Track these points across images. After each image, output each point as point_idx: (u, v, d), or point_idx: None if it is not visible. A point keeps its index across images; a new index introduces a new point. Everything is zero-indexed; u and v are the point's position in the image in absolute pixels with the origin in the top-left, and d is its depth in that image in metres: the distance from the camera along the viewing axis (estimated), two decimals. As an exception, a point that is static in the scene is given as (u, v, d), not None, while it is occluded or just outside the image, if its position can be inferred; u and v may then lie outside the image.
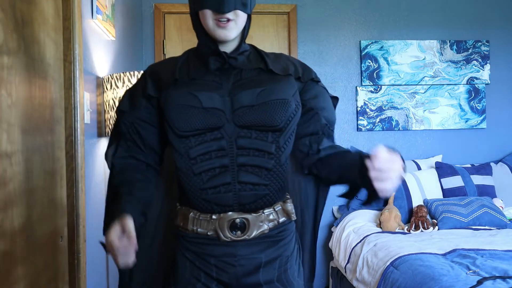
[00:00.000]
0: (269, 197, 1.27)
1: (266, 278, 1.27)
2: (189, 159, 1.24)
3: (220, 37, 1.24)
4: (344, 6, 3.64)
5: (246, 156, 1.24)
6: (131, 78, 2.15)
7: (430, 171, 3.44)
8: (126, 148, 1.30)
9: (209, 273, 1.27)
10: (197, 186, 1.24)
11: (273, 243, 1.29)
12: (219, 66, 1.27)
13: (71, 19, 1.71)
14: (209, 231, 1.26)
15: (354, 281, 2.78)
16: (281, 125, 1.24)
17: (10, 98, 1.28)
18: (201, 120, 1.22)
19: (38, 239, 1.45)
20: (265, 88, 1.25)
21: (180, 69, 1.29)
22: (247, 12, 1.26)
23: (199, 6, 1.23)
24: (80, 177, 1.74)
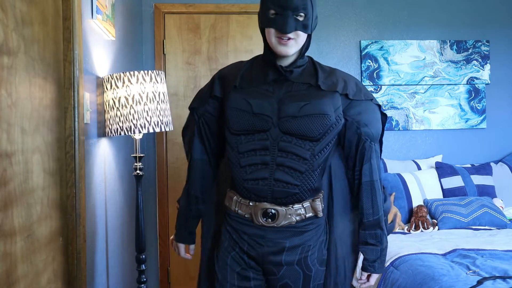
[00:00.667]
0: (299, 196, 1.49)
1: (287, 259, 1.51)
2: (238, 153, 1.50)
3: (281, 53, 1.45)
4: (344, 6, 3.64)
5: (285, 158, 1.47)
6: (131, 78, 2.15)
7: (430, 171, 3.44)
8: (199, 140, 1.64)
9: (242, 246, 1.55)
10: (241, 176, 1.50)
11: (298, 233, 1.51)
12: (275, 78, 1.50)
13: (71, 19, 1.71)
14: (246, 213, 1.53)
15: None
16: (318, 136, 1.46)
17: (10, 98, 1.28)
18: (249, 123, 1.48)
19: (38, 239, 1.45)
20: (309, 103, 1.46)
21: (242, 76, 1.54)
22: (307, 33, 1.46)
23: (266, 24, 1.45)
24: (80, 177, 1.74)
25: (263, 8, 1.46)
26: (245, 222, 1.54)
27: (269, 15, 1.43)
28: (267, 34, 1.46)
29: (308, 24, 1.43)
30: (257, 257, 1.53)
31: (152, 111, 2.18)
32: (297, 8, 1.40)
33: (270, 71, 1.50)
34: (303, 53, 1.50)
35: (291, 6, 1.39)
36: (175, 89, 3.51)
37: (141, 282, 2.42)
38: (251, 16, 3.57)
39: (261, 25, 1.48)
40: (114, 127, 2.15)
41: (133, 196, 2.82)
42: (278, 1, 1.40)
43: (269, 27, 1.44)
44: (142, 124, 2.15)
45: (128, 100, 2.14)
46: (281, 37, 1.42)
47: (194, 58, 3.53)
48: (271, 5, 1.42)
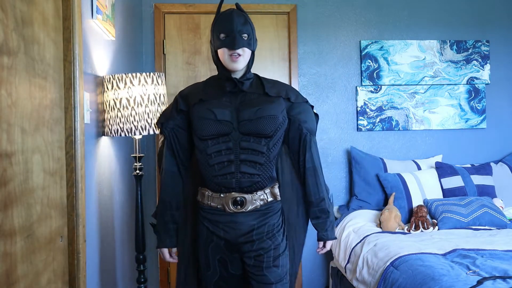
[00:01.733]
0: (260, 183, 1.82)
1: (257, 236, 1.84)
2: (206, 154, 1.80)
3: (232, 68, 1.79)
4: (344, 6, 3.64)
5: (246, 154, 1.80)
6: (133, 79, 2.15)
7: (430, 171, 3.44)
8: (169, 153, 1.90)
9: (218, 234, 1.83)
10: (211, 174, 1.80)
11: (263, 214, 1.85)
12: (231, 89, 1.83)
13: (71, 19, 1.71)
14: (218, 205, 1.83)
15: (354, 281, 2.78)
16: (271, 133, 1.80)
17: (10, 98, 1.28)
18: (215, 128, 1.78)
19: (38, 239, 1.45)
20: (261, 107, 1.81)
21: (202, 92, 1.87)
22: (251, 49, 1.83)
23: (218, 46, 1.79)
24: (80, 177, 1.74)
25: (214, 35, 1.81)
26: (218, 212, 1.83)
27: (220, 39, 1.78)
28: (221, 54, 1.80)
29: (251, 42, 1.81)
30: (232, 239, 1.83)
31: (153, 113, 2.18)
32: (241, 31, 1.78)
33: (226, 84, 1.83)
34: (250, 68, 1.87)
35: (236, 29, 1.77)
36: (175, 89, 3.51)
37: (141, 282, 2.42)
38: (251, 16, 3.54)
39: (214, 48, 1.82)
40: (114, 128, 2.15)
41: (133, 196, 2.82)
42: (226, 27, 1.77)
43: (221, 47, 1.78)
44: (143, 126, 2.15)
45: (129, 102, 2.14)
46: (232, 54, 1.76)
47: (194, 58, 3.53)
48: (221, 30, 1.78)
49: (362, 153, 3.53)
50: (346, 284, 3.01)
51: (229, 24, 1.77)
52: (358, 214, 3.31)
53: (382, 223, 3.08)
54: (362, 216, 3.29)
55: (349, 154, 3.62)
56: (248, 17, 1.84)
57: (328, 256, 3.58)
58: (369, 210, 3.36)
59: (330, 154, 3.63)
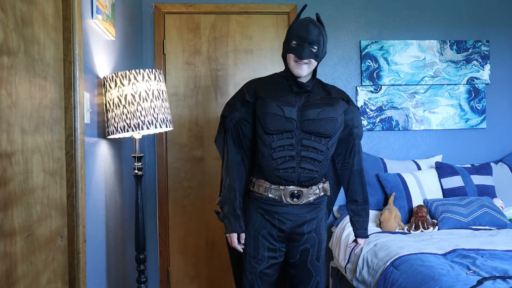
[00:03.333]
0: (317, 179, 1.98)
1: (308, 229, 2.00)
2: (271, 148, 1.93)
3: (296, 74, 1.94)
4: (344, 6, 3.64)
5: (306, 151, 1.93)
6: (137, 75, 2.15)
7: (430, 171, 3.44)
8: (233, 143, 2.03)
9: (273, 223, 1.98)
10: (273, 167, 1.94)
11: (314, 208, 2.01)
12: (296, 90, 1.96)
13: (71, 19, 1.71)
14: (276, 196, 1.96)
15: (354, 281, 2.78)
16: (330, 133, 1.95)
17: (10, 98, 1.28)
18: (282, 124, 1.91)
19: (38, 239, 1.45)
20: (323, 109, 1.94)
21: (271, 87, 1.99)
22: (317, 61, 1.95)
23: (287, 51, 1.94)
24: (80, 177, 1.74)
25: (287, 39, 1.94)
26: (274, 203, 1.97)
27: (291, 45, 1.91)
28: (288, 58, 1.94)
29: (319, 55, 1.93)
30: (286, 229, 1.98)
31: (158, 108, 2.19)
32: (313, 42, 1.89)
33: (293, 85, 1.96)
34: (315, 74, 2.01)
35: (308, 40, 1.88)
36: (175, 89, 3.51)
37: (141, 282, 2.42)
38: (251, 16, 3.57)
39: (284, 52, 1.96)
40: (121, 125, 2.14)
41: (133, 196, 2.82)
42: (300, 35, 1.89)
43: (289, 53, 1.92)
44: (150, 121, 2.15)
45: (135, 97, 2.14)
46: (298, 62, 1.90)
47: (194, 58, 3.53)
48: (294, 37, 1.91)
49: (362, 153, 3.53)
50: (346, 284, 3.01)
51: (303, 33, 1.89)
52: (358, 214, 3.31)
53: (382, 223, 3.08)
54: (362, 216, 3.29)
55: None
56: (323, 30, 1.94)
57: (328, 256, 3.58)
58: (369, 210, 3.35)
59: (330, 154, 3.63)
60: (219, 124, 2.12)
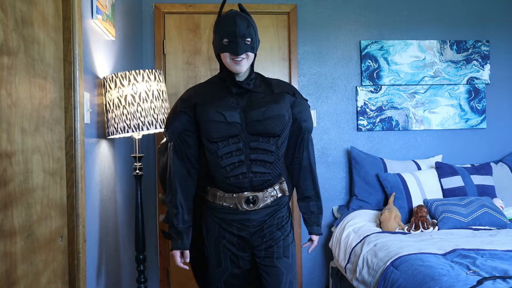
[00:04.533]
0: (270, 181, 1.87)
1: (268, 229, 1.90)
2: (217, 156, 1.82)
3: (236, 71, 1.81)
4: (344, 6, 3.64)
5: (256, 153, 1.82)
6: (137, 76, 2.15)
7: (430, 171, 3.44)
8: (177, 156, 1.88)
9: (232, 231, 1.88)
10: (223, 175, 1.83)
11: (273, 210, 1.91)
12: (236, 91, 1.84)
13: (71, 19, 1.71)
14: (231, 204, 1.86)
15: (354, 281, 2.78)
16: (279, 132, 1.84)
17: (10, 98, 1.28)
18: (225, 130, 1.79)
19: (38, 239, 1.45)
20: (268, 108, 1.83)
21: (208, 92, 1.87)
22: (254, 53, 1.82)
23: (221, 50, 1.80)
24: (80, 177, 1.74)
25: (217, 38, 1.81)
26: (230, 211, 1.87)
27: (223, 43, 1.79)
28: (223, 58, 1.81)
29: (254, 46, 1.82)
30: (246, 236, 1.89)
31: (158, 109, 2.19)
32: (244, 35, 1.78)
33: (231, 86, 1.84)
34: (253, 68, 1.88)
35: (239, 34, 1.77)
36: (175, 89, 3.51)
37: (141, 282, 2.42)
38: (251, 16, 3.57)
39: (217, 51, 1.83)
40: (121, 126, 2.15)
41: (133, 196, 2.82)
42: (229, 31, 1.77)
43: (224, 52, 1.79)
44: (150, 122, 2.15)
45: (134, 98, 2.14)
46: (235, 58, 1.78)
47: (194, 58, 3.53)
48: (224, 35, 1.78)
49: (362, 153, 3.53)
50: (346, 284, 3.01)
51: (232, 28, 1.77)
52: (358, 214, 3.31)
53: (382, 223, 3.08)
54: (362, 216, 3.29)
55: (349, 154, 3.62)
56: (251, 19, 1.84)
57: (328, 256, 3.58)
58: (369, 210, 3.35)
59: (330, 154, 3.63)
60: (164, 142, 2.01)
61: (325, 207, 3.58)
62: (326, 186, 3.60)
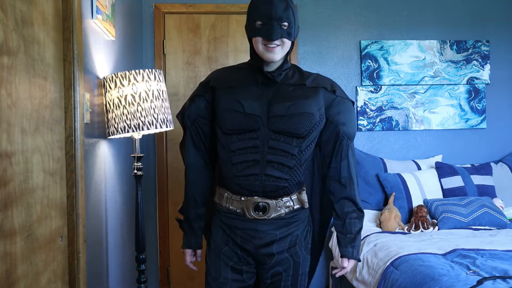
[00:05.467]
0: (287, 189, 1.60)
1: (278, 249, 1.62)
2: (230, 151, 1.59)
3: (268, 59, 1.56)
4: (344, 6, 3.64)
5: (274, 154, 1.56)
6: (137, 76, 2.15)
7: (430, 171, 3.44)
8: (193, 145, 1.70)
9: (235, 240, 1.63)
10: (232, 173, 1.59)
11: (287, 223, 1.62)
12: (264, 81, 1.61)
13: (71, 19, 1.71)
14: (238, 208, 1.62)
15: (354, 281, 2.78)
16: (304, 133, 1.57)
17: (10, 98, 1.28)
18: (242, 122, 1.56)
19: (38, 239, 1.45)
20: (295, 102, 1.57)
21: (232, 77, 1.65)
22: (291, 40, 1.58)
23: (253, 34, 1.57)
24: (80, 177, 1.74)
25: (250, 20, 1.58)
26: (237, 217, 1.63)
27: (256, 26, 1.55)
28: (255, 43, 1.57)
29: (291, 32, 1.56)
30: (251, 249, 1.62)
31: (158, 108, 2.19)
32: (281, 18, 1.53)
33: (258, 75, 1.62)
34: (287, 58, 1.63)
35: (275, 16, 1.52)
36: (175, 89, 3.51)
37: (141, 282, 2.42)
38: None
39: (249, 35, 1.60)
40: (121, 125, 2.14)
41: (133, 196, 2.82)
42: (264, 13, 1.53)
43: (256, 36, 1.56)
44: (150, 121, 2.15)
45: (135, 98, 2.14)
46: (268, 45, 1.54)
47: (194, 58, 3.53)
48: (258, 16, 1.55)
49: (362, 153, 3.53)
50: (346, 284, 3.01)
51: (268, 9, 1.52)
52: (358, 214, 3.31)
53: (382, 223, 3.08)
54: (362, 216, 3.29)
55: (349, 154, 3.62)
56: (290, 1, 1.57)
57: (328, 256, 3.58)
58: (369, 210, 3.35)
59: (330, 154, 3.63)
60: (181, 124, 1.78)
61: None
62: (326, 186, 3.60)
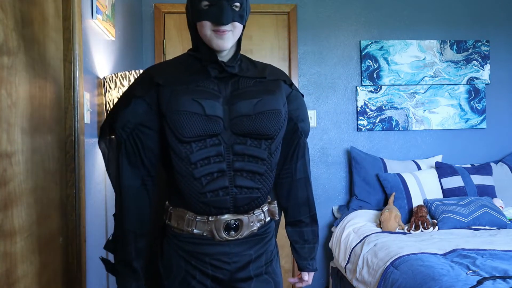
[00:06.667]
0: (260, 200, 1.37)
1: (255, 271, 1.38)
2: (190, 163, 1.30)
3: (218, 47, 1.31)
4: (344, 6, 3.64)
5: (242, 161, 1.32)
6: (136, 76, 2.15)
7: (430, 171, 3.44)
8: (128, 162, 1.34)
9: (204, 271, 1.34)
10: (196, 190, 1.30)
11: (260, 240, 1.40)
12: (217, 74, 1.34)
13: (71, 19, 1.71)
14: (204, 231, 1.34)
15: (354, 281, 2.78)
16: (273, 134, 1.34)
17: (10, 98, 1.28)
18: (203, 127, 1.28)
19: (38, 239, 1.45)
20: (261, 99, 1.33)
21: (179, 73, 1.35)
22: (243, 24, 1.34)
23: (198, 17, 1.30)
24: (80, 177, 1.74)
25: (194, 0, 1.30)
26: (203, 242, 1.34)
27: (202, 7, 1.28)
28: (200, 28, 1.30)
29: (243, 14, 1.33)
30: (224, 277, 1.35)
31: None
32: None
33: (210, 68, 1.34)
34: (240, 46, 1.39)
35: None
36: (175, 89, 3.51)
37: (141, 282, 2.42)
38: (251, 16, 3.57)
39: (192, 19, 1.32)
40: None
41: (133, 196, 2.81)
42: None
43: (203, 19, 1.29)
44: None
45: None
46: (218, 30, 1.29)
47: (194, 58, 3.53)
48: None
49: (362, 153, 3.53)
50: (346, 284, 3.01)
51: None
52: (358, 214, 3.31)
53: (382, 223, 3.08)
54: (362, 216, 3.29)
55: (349, 154, 3.62)
56: None
57: (328, 256, 3.58)
58: (369, 210, 3.35)
59: (330, 154, 3.63)
60: (104, 147, 1.43)
61: (325, 207, 3.59)
62: (326, 186, 3.60)
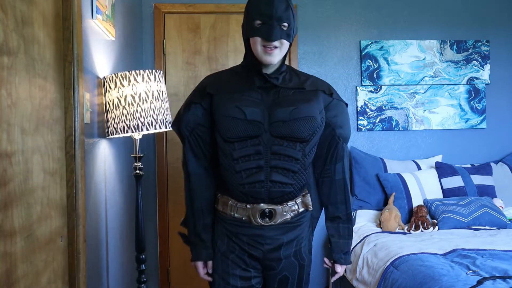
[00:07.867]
0: (293, 194, 1.60)
1: (285, 253, 1.63)
2: (232, 159, 1.56)
3: (266, 62, 1.53)
4: (344, 6, 3.64)
5: (278, 160, 1.55)
6: (137, 76, 2.15)
7: (430, 171, 3.44)
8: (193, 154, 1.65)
9: (242, 247, 1.62)
10: (237, 181, 1.56)
11: (293, 227, 1.63)
12: (261, 85, 1.58)
13: (71, 19, 1.71)
14: (243, 216, 1.60)
15: (354, 281, 2.78)
16: (307, 137, 1.56)
17: (10, 98, 1.28)
18: (244, 130, 1.53)
19: (38, 239, 1.45)
20: (297, 107, 1.55)
21: (229, 83, 1.61)
22: (290, 42, 1.55)
23: (251, 34, 1.53)
24: (80, 177, 1.74)
25: (248, 19, 1.54)
26: (242, 225, 1.61)
27: (255, 25, 1.52)
28: (252, 43, 1.54)
29: (290, 33, 1.54)
30: (258, 255, 1.62)
31: (158, 109, 2.19)
32: (281, 18, 1.50)
33: (255, 78, 1.58)
34: (284, 61, 1.61)
35: (276, 16, 1.49)
36: (175, 89, 3.51)
37: (141, 282, 2.42)
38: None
39: (247, 35, 1.56)
40: (120, 126, 2.15)
41: (133, 196, 2.82)
42: (264, 12, 1.50)
43: (254, 36, 1.52)
44: (150, 122, 2.16)
45: (134, 99, 2.14)
46: (267, 46, 1.51)
47: (194, 58, 3.53)
48: (257, 15, 1.51)
49: (362, 153, 3.53)
50: (346, 284, 3.01)
51: (269, 8, 1.49)
52: (358, 214, 3.32)
53: (382, 223, 3.08)
54: (362, 216, 3.29)
55: (349, 154, 3.62)
56: (290, 1, 1.55)
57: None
58: (369, 210, 3.36)
59: (330, 154, 3.63)
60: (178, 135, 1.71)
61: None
62: (326, 186, 3.60)
